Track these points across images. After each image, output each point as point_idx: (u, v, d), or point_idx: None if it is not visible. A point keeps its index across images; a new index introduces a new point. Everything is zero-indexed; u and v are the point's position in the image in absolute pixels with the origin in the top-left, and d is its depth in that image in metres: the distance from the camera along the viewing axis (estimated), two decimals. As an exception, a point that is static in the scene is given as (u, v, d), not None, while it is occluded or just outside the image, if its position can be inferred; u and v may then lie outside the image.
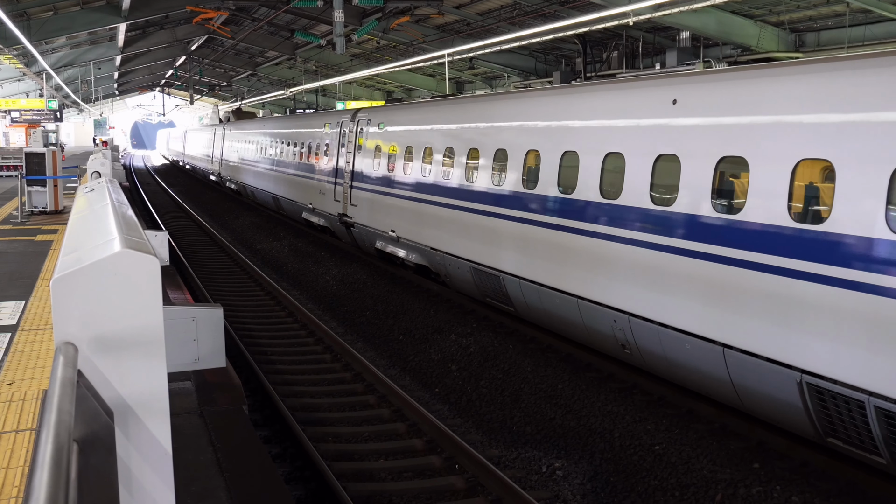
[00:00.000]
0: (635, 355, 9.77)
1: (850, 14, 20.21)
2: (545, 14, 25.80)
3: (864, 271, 6.82)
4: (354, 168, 19.27)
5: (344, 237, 21.12)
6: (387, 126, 17.59)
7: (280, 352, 12.73)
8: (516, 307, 12.40)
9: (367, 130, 18.70)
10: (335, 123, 21.46)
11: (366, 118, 19.01)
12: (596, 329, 10.32)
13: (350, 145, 19.76)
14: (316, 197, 22.59)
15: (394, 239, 16.57)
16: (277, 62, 49.61)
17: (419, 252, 15.46)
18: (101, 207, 3.95)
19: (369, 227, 18.02)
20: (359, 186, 18.84)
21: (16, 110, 44.32)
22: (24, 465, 4.43)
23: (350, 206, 19.36)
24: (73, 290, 2.37)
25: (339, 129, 20.96)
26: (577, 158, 10.73)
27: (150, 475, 2.41)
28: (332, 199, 20.93)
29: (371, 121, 18.61)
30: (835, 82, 7.38)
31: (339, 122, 21.12)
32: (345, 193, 19.82)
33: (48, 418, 1.68)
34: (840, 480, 7.68)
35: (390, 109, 18.04)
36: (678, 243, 8.80)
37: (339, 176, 20.39)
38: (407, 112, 16.93)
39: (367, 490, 7.87)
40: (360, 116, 19.43)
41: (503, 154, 12.50)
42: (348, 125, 20.20)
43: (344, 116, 20.92)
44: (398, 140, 16.73)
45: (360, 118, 19.36)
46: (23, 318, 7.69)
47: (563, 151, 11.04)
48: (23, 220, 15.29)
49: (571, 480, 8.12)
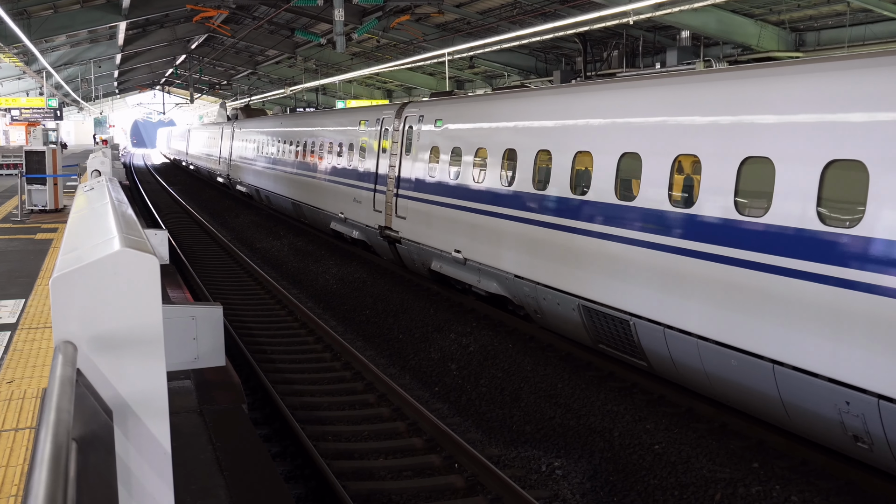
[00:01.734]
0: (879, 452, 7.01)
1: (850, 13, 20.21)
2: (545, 13, 25.79)
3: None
4: (401, 173, 16.48)
5: (385, 254, 18.22)
6: (447, 123, 14.73)
7: (280, 350, 12.73)
8: (652, 363, 9.61)
9: (420, 129, 15.86)
10: (374, 121, 18.55)
11: (416, 114, 16.27)
12: (806, 409, 7.55)
13: (396, 146, 16.95)
14: (349, 205, 19.76)
15: (458, 261, 13.90)
16: (277, 61, 49.61)
17: (496, 279, 12.77)
18: (101, 206, 3.95)
19: (422, 244, 15.31)
20: (408, 195, 16.05)
21: (16, 108, 44.32)
22: (24, 464, 4.43)
23: (395, 217, 16.54)
24: (72, 289, 2.37)
25: (379, 128, 18.14)
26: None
27: (150, 474, 2.41)
28: (369, 209, 18.16)
29: (424, 117, 15.79)
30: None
31: (378, 120, 18.25)
32: (388, 203, 16.99)
33: (47, 417, 1.68)
34: (839, 479, 7.69)
35: (451, 104, 15.18)
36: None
37: (380, 182, 17.59)
38: (477, 106, 14.16)
39: (366, 489, 7.87)
40: (409, 112, 16.65)
41: (635, 161, 9.69)
42: (391, 123, 17.43)
43: (385, 112, 18.05)
44: (465, 140, 13.97)
45: (409, 114, 16.61)
46: (22, 316, 7.69)
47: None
48: (23, 219, 15.28)
49: (571, 479, 8.13)
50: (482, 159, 13.29)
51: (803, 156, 7.54)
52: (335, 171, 20.98)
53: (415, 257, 16.04)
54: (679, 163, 9.09)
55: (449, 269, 14.57)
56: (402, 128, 16.75)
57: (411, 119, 16.40)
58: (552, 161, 11.31)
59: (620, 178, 10.00)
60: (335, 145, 21.24)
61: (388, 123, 17.57)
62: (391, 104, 18.29)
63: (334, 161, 21.11)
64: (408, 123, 16.52)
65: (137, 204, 31.67)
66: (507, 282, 12.46)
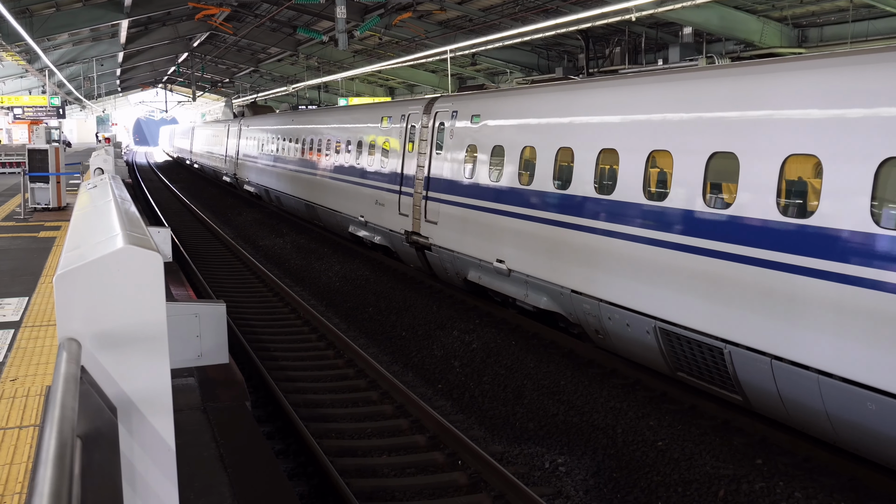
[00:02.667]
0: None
1: (853, 9, 20.18)
2: (547, 10, 25.77)
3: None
4: (431, 174, 15.08)
5: (411, 261, 16.88)
6: (487, 119, 13.34)
7: (283, 348, 12.74)
8: (750, 398, 8.40)
9: (453, 126, 14.44)
10: (398, 117, 17.09)
11: (448, 109, 14.86)
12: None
13: (424, 145, 15.55)
14: (370, 208, 18.31)
15: (501, 272, 12.54)
16: (280, 58, 49.63)
17: (548, 294, 11.49)
18: (104, 204, 3.96)
19: (457, 252, 13.97)
20: (439, 198, 14.69)
21: (18, 107, 44.38)
22: (28, 462, 4.44)
23: (425, 222, 15.18)
24: (76, 287, 2.37)
25: (404, 125, 16.67)
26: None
27: (154, 471, 2.41)
28: (394, 213, 16.80)
29: (458, 113, 14.38)
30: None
31: (404, 116, 16.78)
32: (416, 206, 15.62)
33: (51, 414, 1.68)
34: (843, 476, 7.68)
35: (491, 98, 13.79)
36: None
37: (406, 183, 16.22)
38: (522, 100, 12.66)
39: (369, 486, 7.87)
40: (440, 108, 15.26)
41: (730, 162, 8.37)
42: (418, 119, 16.02)
43: (412, 108, 16.61)
44: (509, 138, 12.58)
45: (440, 110, 15.21)
46: (26, 314, 7.71)
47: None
48: (26, 217, 15.31)
49: (574, 476, 8.13)
50: (530, 159, 11.95)
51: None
52: (354, 172, 19.53)
53: (447, 266, 14.70)
54: (786, 165, 7.80)
55: (490, 280, 13.15)
56: (432, 124, 15.34)
57: (443, 115, 15.03)
58: (619, 161, 9.88)
59: (710, 181, 8.57)
60: (354, 143, 19.81)
61: (415, 120, 16.20)
62: (418, 99, 16.94)
63: (353, 160, 19.65)
64: (438, 120, 15.15)
65: (140, 201, 31.70)
66: (561, 297, 11.08)
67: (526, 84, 14.21)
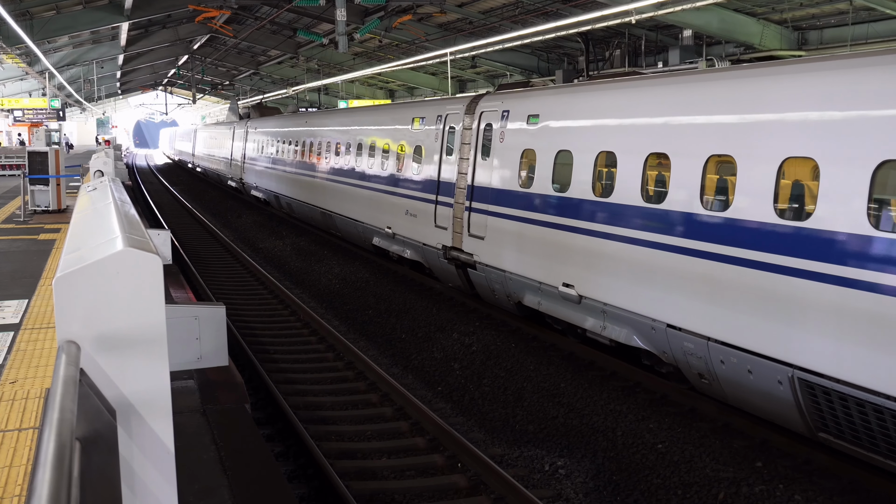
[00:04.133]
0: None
1: (852, 12, 20.19)
2: (547, 12, 25.79)
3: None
4: (476, 182, 13.39)
5: (449, 280, 15.12)
6: (548, 120, 11.65)
7: (282, 350, 12.74)
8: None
9: (504, 128, 12.75)
10: (433, 118, 15.40)
11: (496, 109, 13.18)
12: None
13: (467, 149, 13.86)
14: (398, 219, 16.60)
15: (568, 298, 10.85)
16: (280, 61, 49.67)
17: (633, 327, 9.78)
18: (104, 206, 3.96)
19: (511, 272, 12.28)
20: (487, 210, 12.98)
21: (18, 109, 44.42)
22: (27, 464, 4.44)
23: (468, 237, 13.50)
24: (75, 289, 2.37)
25: (441, 126, 14.96)
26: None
27: (153, 474, 2.41)
28: (428, 225, 15.09)
29: (510, 113, 12.68)
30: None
31: (440, 117, 15.11)
32: (457, 218, 13.91)
33: (50, 417, 1.68)
34: (843, 479, 7.67)
35: (550, 95, 12.14)
36: None
37: (444, 192, 14.51)
38: (595, 98, 10.95)
39: (369, 489, 7.87)
40: (486, 107, 13.55)
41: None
42: (459, 120, 14.33)
43: (451, 107, 14.89)
44: (579, 142, 10.86)
45: (486, 110, 13.50)
46: (25, 316, 7.71)
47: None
48: (25, 219, 15.32)
49: (574, 479, 8.12)
50: (609, 167, 10.30)
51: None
52: (380, 178, 17.73)
53: (496, 287, 12.97)
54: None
55: (552, 306, 11.44)
56: (477, 126, 13.62)
57: (490, 115, 13.32)
58: (738, 170, 8.16)
59: (875, 196, 6.87)
60: (379, 147, 18.05)
61: (455, 121, 14.47)
62: (458, 97, 15.28)
63: (379, 166, 17.89)
64: (484, 121, 13.43)
65: (140, 204, 31.71)
66: (652, 332, 9.39)
67: (596, 78, 12.19)
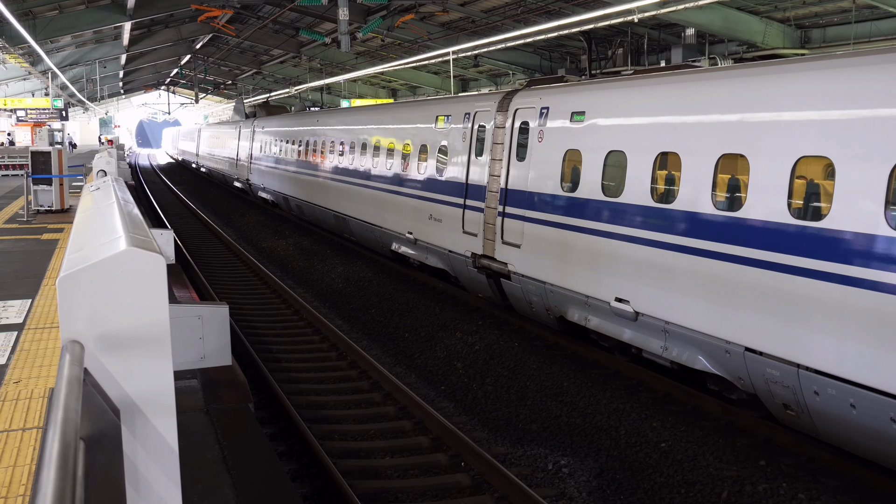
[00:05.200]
0: None
1: (855, 10, 20.16)
2: (550, 11, 25.78)
3: None
4: (510, 185, 12.39)
5: (480, 290, 14.13)
6: (596, 118, 10.68)
7: (285, 349, 12.74)
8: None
9: (544, 126, 11.74)
10: (460, 116, 14.37)
11: (534, 106, 12.14)
12: None
13: (499, 149, 12.85)
14: (421, 224, 15.64)
15: (622, 315, 9.90)
16: (282, 60, 49.67)
17: (701, 349, 8.83)
18: (107, 206, 3.96)
19: (552, 284, 11.30)
20: (523, 215, 12.01)
21: (21, 109, 44.48)
22: (31, 464, 4.44)
23: (501, 244, 12.54)
24: (79, 289, 2.37)
25: (469, 125, 13.95)
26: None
27: (157, 473, 2.41)
28: (455, 231, 14.11)
29: (550, 110, 11.67)
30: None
31: (468, 115, 14.05)
32: (488, 224, 12.95)
33: (55, 416, 1.69)
34: (846, 477, 7.67)
35: (598, 90, 11.00)
36: None
37: (473, 196, 13.52)
38: (652, 93, 9.86)
39: (373, 488, 7.88)
40: (521, 104, 12.51)
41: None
42: (490, 118, 13.34)
43: (480, 104, 13.83)
44: (631, 141, 9.92)
45: (521, 106, 12.48)
46: (29, 316, 7.71)
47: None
48: (29, 219, 15.33)
49: (577, 478, 8.12)
50: (671, 170, 9.42)
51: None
52: (400, 180, 16.77)
53: (534, 300, 12.00)
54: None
55: (601, 323, 10.48)
56: (511, 125, 12.63)
57: (526, 113, 12.30)
58: (838, 175, 7.26)
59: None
60: (399, 147, 17.06)
61: (485, 119, 13.47)
62: (489, 94, 14.18)
63: (398, 167, 16.91)
64: (519, 119, 12.43)
65: (143, 204, 31.74)
66: (726, 356, 8.44)
67: (650, 71, 11.12)
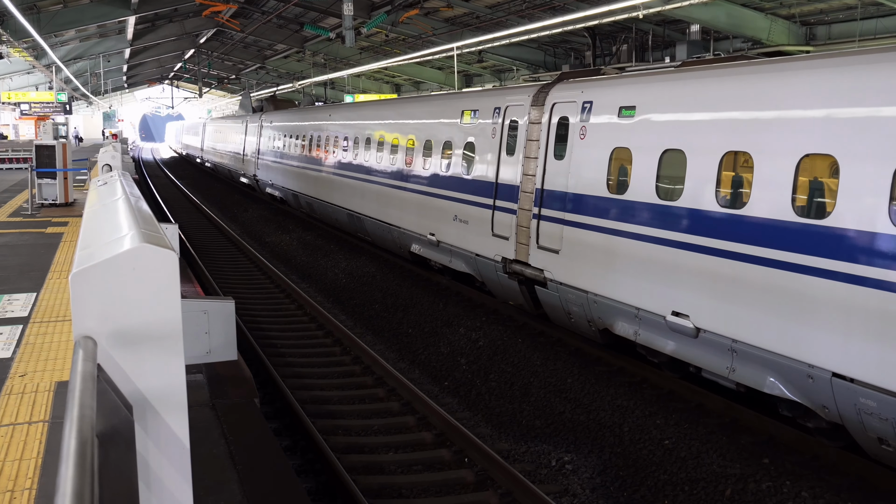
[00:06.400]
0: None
1: (861, 7, 20.11)
2: (554, 6, 25.73)
3: None
4: (547, 185, 11.55)
5: (511, 297, 13.21)
6: (647, 112, 9.81)
7: (289, 345, 12.76)
8: None
9: (587, 122, 10.84)
10: (489, 110, 13.49)
11: (575, 100, 11.24)
12: None
13: (534, 147, 11.97)
14: (444, 224, 14.80)
15: (683, 331, 8.95)
16: (286, 55, 49.65)
17: (777, 371, 7.92)
18: (117, 201, 3.97)
19: (596, 293, 10.41)
20: (562, 218, 11.14)
21: (25, 103, 44.52)
22: (38, 457, 4.45)
23: (537, 249, 11.71)
24: (91, 284, 2.38)
25: (499, 120, 13.07)
26: None
27: (169, 469, 2.42)
28: (483, 233, 13.27)
29: (592, 105, 10.81)
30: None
31: (498, 109, 13.18)
32: (521, 227, 12.13)
33: (71, 412, 1.69)
34: (851, 475, 7.67)
35: (653, 82, 10.01)
36: None
37: (504, 196, 12.69)
38: (721, 85, 8.83)
39: (377, 483, 7.89)
40: (560, 97, 11.61)
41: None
42: (524, 113, 12.43)
43: (512, 98, 12.91)
44: (693, 140, 9.00)
45: (560, 101, 11.58)
46: (34, 310, 7.73)
47: None
48: (33, 213, 15.35)
49: (581, 474, 8.13)
50: (741, 172, 8.52)
51: None
52: (421, 179, 15.97)
53: (574, 310, 11.09)
54: None
55: (654, 339, 9.61)
56: (548, 120, 11.74)
57: (565, 107, 11.41)
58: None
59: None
60: (420, 144, 16.20)
61: (518, 114, 12.61)
62: (520, 86, 13.39)
63: (420, 164, 16.09)
64: (558, 114, 11.55)
65: (147, 198, 31.69)
66: (808, 382, 7.55)
67: (696, 64, 10.21)
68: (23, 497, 3.97)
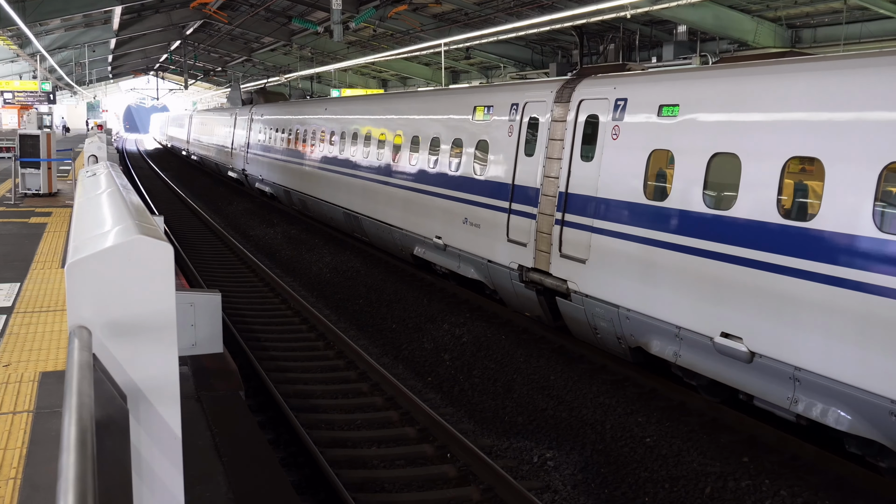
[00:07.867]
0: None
1: (846, 11, 20.28)
2: (542, 5, 25.80)
3: None
4: (572, 188, 10.61)
5: (526, 307, 12.37)
6: (693, 112, 8.87)
7: (274, 339, 12.76)
8: None
9: (620, 121, 9.91)
10: (505, 107, 12.57)
11: (606, 97, 10.30)
12: None
13: (557, 147, 11.05)
14: (452, 227, 13.86)
15: (734, 355, 8.10)
16: (273, 48, 49.49)
17: (857, 409, 7.03)
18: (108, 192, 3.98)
19: (631, 309, 9.49)
20: (589, 225, 10.22)
21: (8, 92, 44.20)
22: (23, 447, 4.46)
23: (560, 257, 10.76)
24: (87, 275, 2.40)
25: (517, 118, 12.16)
26: None
27: (161, 458, 2.45)
28: (498, 238, 12.34)
29: (627, 102, 9.87)
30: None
31: (516, 106, 12.25)
32: (541, 233, 11.17)
33: (69, 401, 1.71)
34: (829, 474, 7.76)
35: (699, 78, 9.10)
36: None
37: (521, 199, 11.76)
38: (789, 80, 7.86)
39: (359, 477, 7.92)
40: (587, 94, 10.71)
41: None
42: (545, 110, 11.51)
43: (532, 94, 11.98)
44: (747, 143, 8.10)
45: (588, 97, 10.66)
46: (18, 300, 7.70)
47: None
48: (16, 203, 15.26)
49: (562, 471, 8.19)
50: (807, 180, 7.64)
51: None
52: (427, 177, 14.96)
53: (602, 325, 10.23)
54: None
55: (698, 362, 8.71)
56: (574, 118, 10.83)
57: (594, 105, 10.49)
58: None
59: None
60: (426, 141, 15.17)
61: (539, 111, 11.67)
62: (542, 81, 12.56)
63: (425, 163, 15.10)
64: (585, 111, 10.65)
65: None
66: (890, 420, 6.66)
67: (736, 60, 9.41)
68: (7, 486, 3.97)
